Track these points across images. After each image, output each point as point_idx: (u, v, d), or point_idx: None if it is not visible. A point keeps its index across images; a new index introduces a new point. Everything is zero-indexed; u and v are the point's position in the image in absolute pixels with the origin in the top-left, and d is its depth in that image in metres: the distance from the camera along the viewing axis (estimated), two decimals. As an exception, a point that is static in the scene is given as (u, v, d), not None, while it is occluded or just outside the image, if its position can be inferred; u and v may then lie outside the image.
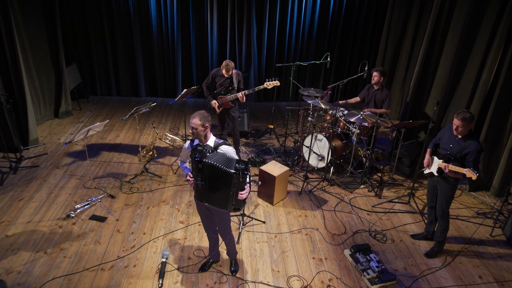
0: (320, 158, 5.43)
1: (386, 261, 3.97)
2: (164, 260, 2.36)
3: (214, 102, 5.28)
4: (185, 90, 5.33)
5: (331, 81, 8.39)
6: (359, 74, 5.29)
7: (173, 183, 5.14)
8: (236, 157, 3.04)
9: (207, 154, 2.91)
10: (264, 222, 4.46)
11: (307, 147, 5.43)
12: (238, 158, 3.01)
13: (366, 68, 5.21)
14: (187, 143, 3.18)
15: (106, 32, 7.54)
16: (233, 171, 2.80)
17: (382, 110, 5.46)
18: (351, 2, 7.84)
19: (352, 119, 5.03)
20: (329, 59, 5.95)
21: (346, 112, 5.33)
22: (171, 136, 6.56)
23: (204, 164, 2.87)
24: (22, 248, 3.84)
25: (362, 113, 5.08)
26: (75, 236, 4.05)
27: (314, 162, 5.54)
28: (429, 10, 6.20)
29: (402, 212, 4.80)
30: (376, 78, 5.43)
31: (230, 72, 5.08)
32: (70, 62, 7.36)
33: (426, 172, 3.97)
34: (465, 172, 3.46)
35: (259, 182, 4.76)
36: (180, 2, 7.43)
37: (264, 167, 4.71)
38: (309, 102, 5.47)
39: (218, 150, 3.01)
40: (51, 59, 6.55)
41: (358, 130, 5.14)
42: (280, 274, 3.73)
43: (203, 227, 3.54)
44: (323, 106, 5.36)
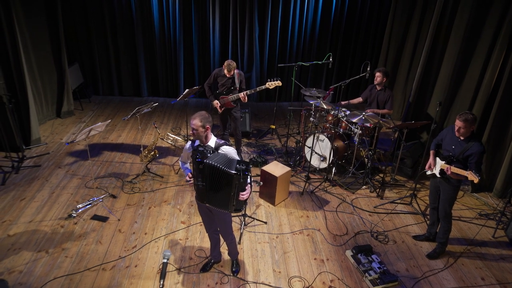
0: (322, 159, 5.42)
1: (388, 262, 3.95)
2: (165, 261, 2.36)
3: (216, 102, 5.27)
4: (187, 90, 5.33)
5: (333, 81, 8.37)
6: (362, 75, 5.28)
7: (174, 183, 5.14)
8: (237, 157, 3.04)
9: (208, 154, 2.91)
10: (265, 223, 4.46)
11: (309, 148, 5.42)
12: (239, 159, 3.01)
13: (369, 68, 5.20)
14: (188, 144, 3.18)
15: (108, 32, 7.56)
16: (234, 172, 2.80)
17: (384, 111, 5.44)
18: (354, 2, 7.83)
19: (354, 120, 5.02)
20: (331, 60, 5.93)
21: (348, 112, 5.32)
22: (173, 136, 6.56)
23: (205, 164, 2.86)
24: (23, 247, 3.84)
25: (364, 113, 5.07)
26: (77, 236, 4.06)
27: (316, 162, 5.53)
28: (431, 11, 6.19)
29: (404, 213, 4.78)
30: (379, 78, 5.41)
31: (232, 72, 5.08)
32: (72, 62, 7.37)
33: (428, 173, 3.96)
34: (467, 175, 3.44)
35: (261, 183, 4.76)
36: (182, 2, 7.44)
37: (266, 168, 4.70)
38: (311, 102, 5.47)
39: (219, 151, 3.01)
40: (54, 59, 6.56)
41: (360, 131, 5.12)
42: (281, 274, 3.72)
43: (204, 228, 3.54)
44: (325, 107, 5.35)
